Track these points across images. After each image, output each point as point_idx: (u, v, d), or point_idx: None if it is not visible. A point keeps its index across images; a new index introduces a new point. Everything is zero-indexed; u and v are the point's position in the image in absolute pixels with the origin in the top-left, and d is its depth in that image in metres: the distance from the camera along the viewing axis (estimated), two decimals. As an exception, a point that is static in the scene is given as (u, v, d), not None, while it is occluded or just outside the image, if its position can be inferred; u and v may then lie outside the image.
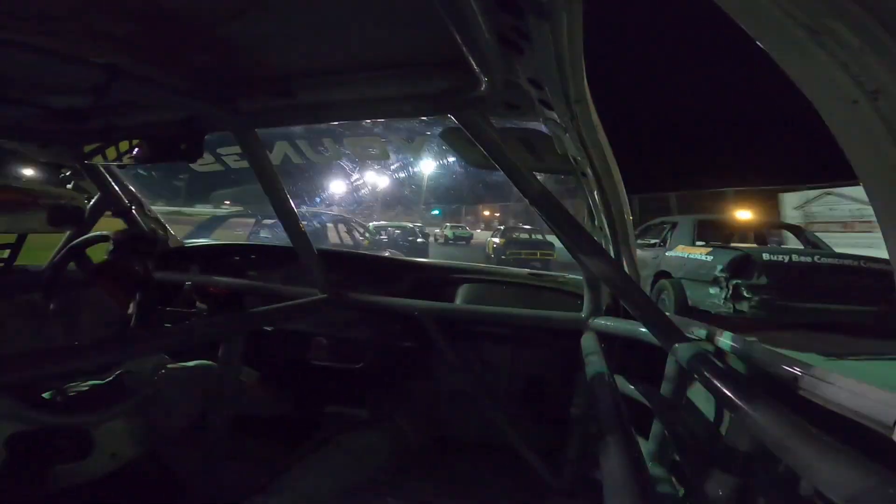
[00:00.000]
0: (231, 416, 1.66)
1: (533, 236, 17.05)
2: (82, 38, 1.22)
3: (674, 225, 7.89)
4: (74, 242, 2.21)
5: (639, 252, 8.21)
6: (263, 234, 9.30)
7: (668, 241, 7.60)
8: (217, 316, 1.95)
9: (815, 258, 6.03)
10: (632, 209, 1.69)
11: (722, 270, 6.01)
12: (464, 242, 25.93)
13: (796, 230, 7.90)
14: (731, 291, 5.89)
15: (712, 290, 6.13)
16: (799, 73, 0.50)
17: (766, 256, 5.93)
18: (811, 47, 0.45)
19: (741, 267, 5.94)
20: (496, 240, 17.27)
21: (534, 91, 1.13)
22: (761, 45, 0.51)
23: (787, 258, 5.96)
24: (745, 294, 5.80)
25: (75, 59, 1.24)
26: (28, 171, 2.28)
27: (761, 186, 16.60)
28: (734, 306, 5.89)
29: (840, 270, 5.98)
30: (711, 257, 6.37)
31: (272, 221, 8.43)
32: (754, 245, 7.82)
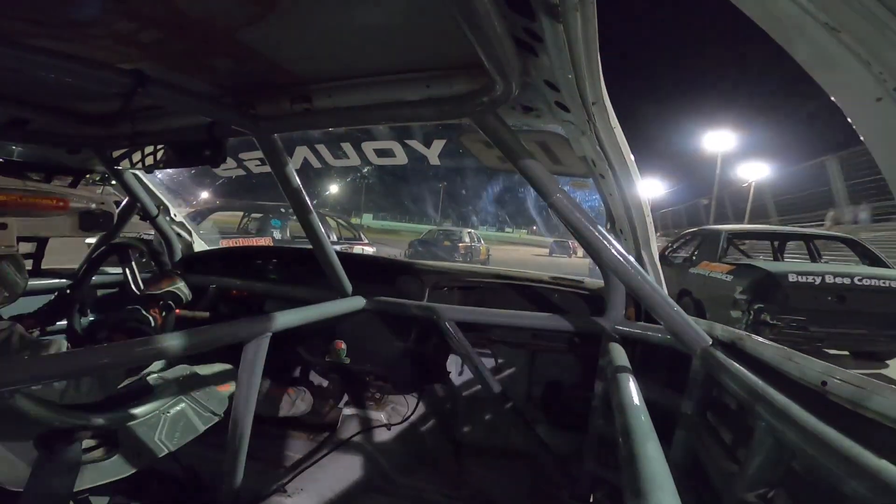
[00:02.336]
0: (252, 416, 1.68)
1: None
2: (110, 45, 1.25)
3: (704, 237, 7.04)
4: (105, 246, 2.28)
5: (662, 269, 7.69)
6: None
7: (696, 255, 6.83)
8: (239, 319, 1.98)
9: (855, 279, 5.02)
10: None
11: (742, 292, 5.25)
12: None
13: (851, 243, 6.64)
14: (752, 316, 5.12)
15: (734, 314, 5.33)
16: (821, 72, 0.48)
17: (791, 277, 5.04)
18: (833, 46, 0.44)
19: (764, 288, 5.13)
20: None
21: (550, 93, 1.13)
22: (782, 46, 0.49)
23: (818, 279, 5.03)
24: (768, 320, 5.02)
25: (103, 65, 1.28)
26: (59, 176, 2.35)
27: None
28: (757, 333, 5.02)
29: (886, 293, 4.99)
30: (732, 276, 5.58)
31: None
32: (787, 262, 6.85)
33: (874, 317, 4.99)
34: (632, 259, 1.48)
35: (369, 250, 8.80)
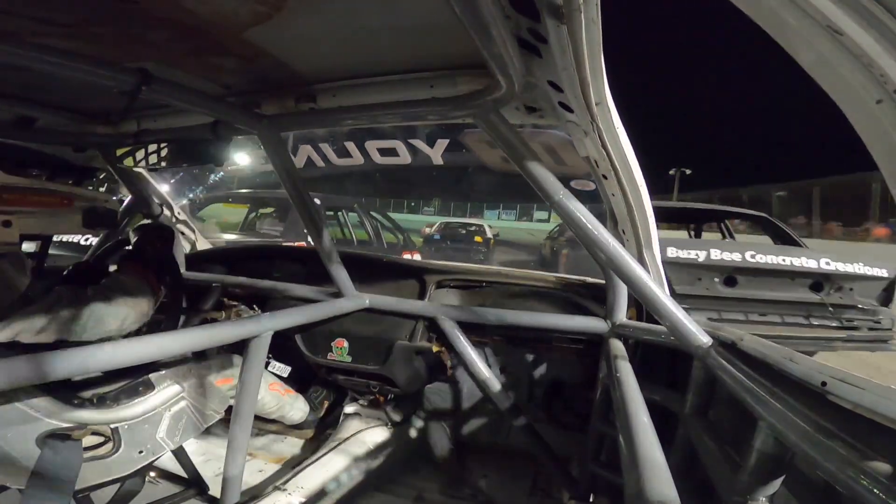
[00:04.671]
0: (253, 415, 1.69)
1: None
2: (116, 44, 1.26)
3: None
4: (108, 244, 2.29)
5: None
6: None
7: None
8: (242, 317, 1.99)
9: (747, 254, 4.04)
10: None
11: None
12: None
13: (764, 221, 5.71)
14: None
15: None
16: (823, 74, 0.49)
17: (671, 252, 4.09)
18: (834, 49, 0.44)
19: None
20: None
21: (553, 93, 1.13)
22: (785, 49, 0.50)
23: (701, 254, 4.08)
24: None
25: (110, 64, 1.29)
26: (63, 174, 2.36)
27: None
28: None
29: (787, 274, 4.06)
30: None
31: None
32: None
33: (773, 305, 4.12)
34: (634, 259, 1.48)
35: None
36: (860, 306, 4.14)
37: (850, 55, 0.42)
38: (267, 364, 2.56)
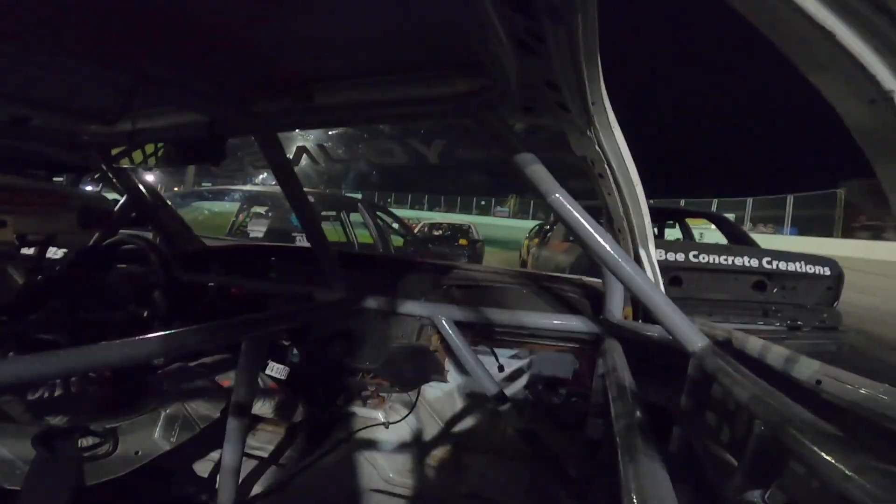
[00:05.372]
0: (250, 415, 1.69)
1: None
2: (111, 43, 1.26)
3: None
4: (100, 246, 2.28)
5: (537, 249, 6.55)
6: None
7: (551, 236, 6.28)
8: (238, 317, 1.99)
9: (691, 255, 3.96)
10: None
11: (572, 272, 4.37)
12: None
13: (719, 220, 5.70)
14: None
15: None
16: (817, 74, 0.49)
17: None
18: (828, 49, 0.44)
19: (581, 267, 4.28)
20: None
21: (550, 93, 1.13)
22: (779, 48, 0.50)
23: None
24: None
25: (105, 63, 1.28)
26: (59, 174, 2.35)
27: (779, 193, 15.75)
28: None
29: (732, 273, 4.04)
30: (564, 255, 4.93)
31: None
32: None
33: (719, 304, 4.03)
34: (630, 259, 1.48)
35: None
36: (804, 305, 4.16)
37: (844, 55, 0.43)
38: (265, 365, 2.55)
